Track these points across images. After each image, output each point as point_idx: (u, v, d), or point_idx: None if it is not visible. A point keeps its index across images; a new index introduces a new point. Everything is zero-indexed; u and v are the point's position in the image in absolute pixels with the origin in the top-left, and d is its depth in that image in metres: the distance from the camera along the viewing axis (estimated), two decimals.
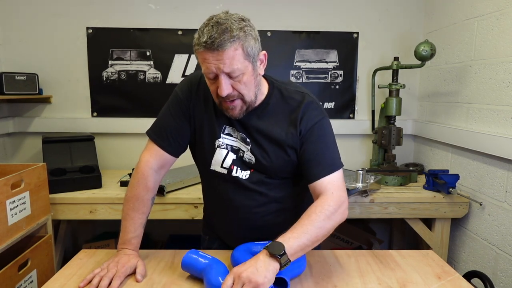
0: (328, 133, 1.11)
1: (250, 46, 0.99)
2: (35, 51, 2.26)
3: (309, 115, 1.09)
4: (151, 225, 1.39)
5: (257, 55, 1.03)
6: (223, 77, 0.98)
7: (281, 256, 0.90)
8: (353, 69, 2.38)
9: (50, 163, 1.81)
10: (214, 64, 0.96)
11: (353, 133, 2.41)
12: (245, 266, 0.90)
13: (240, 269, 0.89)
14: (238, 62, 0.97)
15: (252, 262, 0.90)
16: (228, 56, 0.95)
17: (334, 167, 1.08)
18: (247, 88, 1.02)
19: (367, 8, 2.33)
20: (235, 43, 0.95)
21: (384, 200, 1.84)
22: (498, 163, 1.66)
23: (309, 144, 1.08)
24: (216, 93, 1.03)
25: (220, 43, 0.93)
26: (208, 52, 0.95)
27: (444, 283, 1.02)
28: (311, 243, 0.97)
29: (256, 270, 0.87)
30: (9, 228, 1.40)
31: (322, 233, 0.99)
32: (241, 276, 0.87)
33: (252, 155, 1.11)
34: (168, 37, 2.29)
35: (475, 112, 1.83)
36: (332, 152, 1.10)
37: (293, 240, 0.93)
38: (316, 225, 0.98)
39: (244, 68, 0.99)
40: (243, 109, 1.05)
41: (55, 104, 2.32)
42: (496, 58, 1.69)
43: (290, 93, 1.12)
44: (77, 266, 1.09)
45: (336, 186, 1.06)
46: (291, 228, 0.97)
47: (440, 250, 1.90)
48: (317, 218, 0.98)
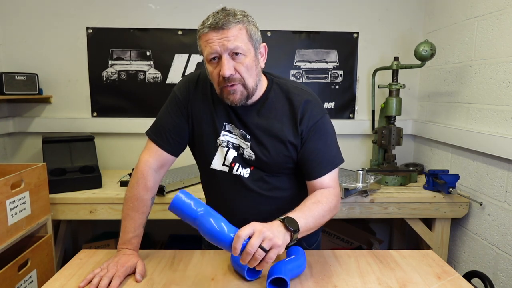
0: (328, 131, 1.13)
1: (253, 31, 1.04)
2: (35, 51, 2.26)
3: (309, 115, 1.09)
4: (151, 225, 1.39)
5: (259, 42, 1.07)
6: (226, 57, 1.00)
7: (294, 232, 0.91)
8: (353, 69, 2.38)
9: (50, 163, 1.81)
10: (218, 42, 0.99)
11: (353, 133, 2.41)
12: (262, 225, 0.87)
13: (260, 226, 0.86)
14: (242, 41, 1.00)
15: (269, 225, 0.89)
16: (233, 33, 0.99)
17: (334, 165, 1.11)
18: (249, 72, 1.04)
19: (367, 8, 2.33)
20: (240, 24, 1.00)
21: (384, 200, 1.84)
22: (498, 163, 1.66)
23: (310, 142, 1.10)
24: (217, 77, 1.03)
25: (225, 22, 0.98)
26: (212, 32, 0.99)
27: (444, 283, 1.02)
28: (312, 228, 0.99)
29: (276, 232, 0.87)
30: (9, 228, 1.40)
31: (322, 222, 1.03)
32: (263, 231, 0.84)
33: (251, 151, 1.12)
34: (168, 37, 2.29)
35: (475, 112, 1.83)
36: (332, 151, 1.12)
37: (303, 220, 0.95)
38: (321, 213, 1.01)
39: (247, 50, 1.02)
40: (244, 94, 1.05)
41: (55, 104, 2.32)
42: (496, 58, 1.69)
43: (289, 88, 1.13)
44: (77, 266, 1.09)
45: (335, 183, 1.11)
46: (299, 208, 0.99)
47: (440, 250, 1.90)
48: (322, 206, 1.02)
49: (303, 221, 0.95)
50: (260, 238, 0.84)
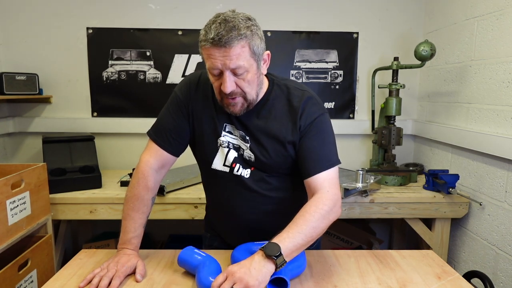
0: (327, 129, 1.12)
1: (256, 45, 1.00)
2: (35, 51, 2.26)
3: (308, 111, 1.09)
4: (151, 225, 1.38)
5: (262, 54, 1.04)
6: (228, 74, 0.99)
7: (277, 257, 0.90)
8: (353, 69, 2.38)
9: (50, 163, 1.81)
10: (220, 60, 0.97)
11: (353, 133, 2.41)
12: (239, 265, 0.90)
13: (234, 268, 0.89)
14: (244, 59, 0.98)
15: (247, 262, 0.90)
16: (235, 53, 0.96)
17: (330, 164, 1.08)
18: (250, 86, 1.03)
19: (367, 8, 2.33)
20: (242, 41, 0.97)
21: (384, 200, 1.84)
22: (498, 163, 1.66)
23: (307, 139, 1.09)
24: (219, 90, 1.03)
25: (227, 40, 0.94)
26: (214, 48, 0.96)
27: (444, 283, 1.02)
28: (306, 242, 0.97)
29: (249, 271, 0.88)
30: (9, 228, 1.40)
31: (317, 232, 0.99)
32: (234, 275, 0.87)
33: (251, 152, 1.12)
34: (168, 37, 2.29)
35: (475, 112, 1.83)
36: (329, 149, 1.10)
37: (288, 240, 0.93)
38: (311, 225, 0.98)
39: (249, 66, 1.00)
40: (244, 106, 1.06)
41: (55, 104, 2.32)
42: (496, 58, 1.69)
43: (289, 89, 1.13)
44: (77, 266, 1.09)
45: (332, 184, 1.06)
46: (286, 228, 0.97)
47: (440, 250, 1.90)
48: (311, 218, 0.99)
49: (288, 242, 0.93)
50: (230, 282, 0.86)
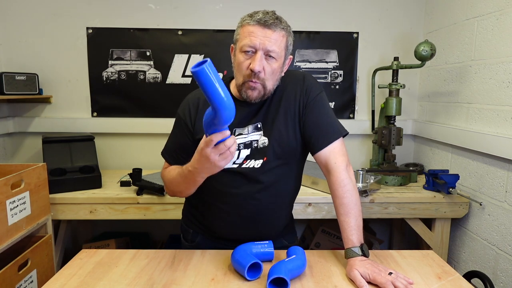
0: (327, 106, 1.20)
1: (290, 43, 1.13)
2: (35, 51, 2.26)
3: (311, 87, 1.18)
4: (151, 225, 1.40)
5: (289, 54, 1.14)
6: (261, 54, 1.05)
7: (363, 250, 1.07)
8: (353, 69, 2.38)
9: (50, 163, 1.81)
10: (260, 39, 1.05)
11: (353, 133, 2.41)
12: (379, 269, 1.00)
13: (382, 277, 0.97)
14: (279, 47, 1.07)
15: (367, 263, 1.02)
16: (275, 37, 1.06)
17: (340, 133, 1.17)
18: (272, 76, 1.10)
19: (367, 8, 2.33)
20: (284, 31, 1.09)
21: (384, 200, 1.84)
22: (498, 163, 1.66)
23: (314, 114, 1.16)
24: (245, 69, 1.08)
25: (273, 24, 1.05)
26: (259, 27, 1.05)
27: (444, 283, 1.02)
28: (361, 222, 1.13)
29: (378, 268, 1.00)
30: (9, 228, 1.40)
31: (360, 206, 1.15)
32: (394, 283, 0.95)
33: (265, 137, 1.15)
34: (168, 37, 2.29)
35: (475, 112, 1.83)
36: (336, 120, 1.19)
37: (361, 237, 1.10)
38: (359, 212, 1.13)
39: (280, 56, 1.09)
40: (261, 94, 1.11)
41: (55, 104, 2.32)
42: (496, 58, 1.69)
43: (286, 76, 1.19)
44: (77, 266, 1.09)
45: (345, 157, 1.16)
46: (351, 226, 1.10)
47: (440, 250, 1.90)
48: (356, 206, 1.12)
49: (361, 237, 1.11)
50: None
